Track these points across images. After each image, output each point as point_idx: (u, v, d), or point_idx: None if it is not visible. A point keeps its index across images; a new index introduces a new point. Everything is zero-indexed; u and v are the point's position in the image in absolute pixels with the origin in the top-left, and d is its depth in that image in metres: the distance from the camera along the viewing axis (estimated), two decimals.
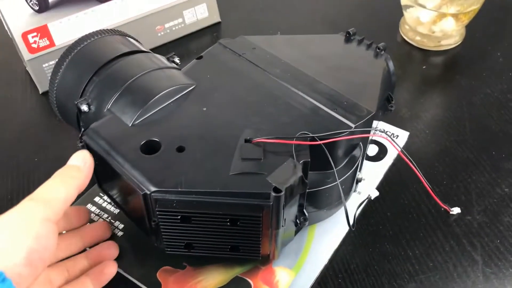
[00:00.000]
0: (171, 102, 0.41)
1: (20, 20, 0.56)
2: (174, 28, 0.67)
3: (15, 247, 0.30)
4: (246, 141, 0.38)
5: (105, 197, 0.48)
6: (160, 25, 0.66)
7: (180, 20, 0.67)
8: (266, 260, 0.43)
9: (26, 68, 0.63)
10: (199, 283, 0.42)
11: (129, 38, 0.49)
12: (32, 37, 0.57)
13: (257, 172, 0.35)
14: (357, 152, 0.42)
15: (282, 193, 0.34)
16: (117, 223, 0.46)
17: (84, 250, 0.43)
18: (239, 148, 0.37)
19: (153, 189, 0.34)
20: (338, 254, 0.44)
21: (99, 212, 0.47)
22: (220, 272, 0.42)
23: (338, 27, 0.52)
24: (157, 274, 0.42)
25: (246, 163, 0.36)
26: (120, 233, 0.45)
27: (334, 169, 0.37)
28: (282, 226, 0.37)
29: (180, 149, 0.37)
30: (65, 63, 0.45)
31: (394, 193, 0.49)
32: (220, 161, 0.36)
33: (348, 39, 0.50)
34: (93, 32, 0.47)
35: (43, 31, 0.58)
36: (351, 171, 0.41)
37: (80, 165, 0.37)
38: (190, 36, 0.69)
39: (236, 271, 0.42)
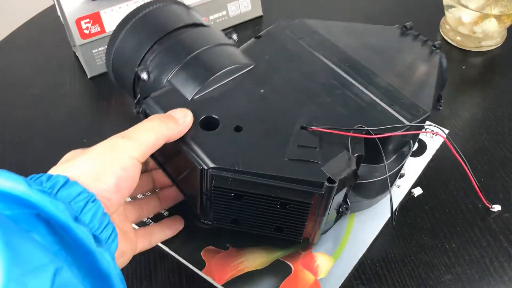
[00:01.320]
0: (230, 80, 0.42)
1: (75, 7, 0.59)
2: (218, 20, 0.69)
3: (106, 174, 0.32)
4: (302, 128, 0.39)
5: None
6: (205, 17, 0.68)
7: (224, 12, 0.69)
8: (306, 246, 0.44)
9: (76, 53, 0.65)
10: (241, 264, 0.43)
11: (192, 11, 0.48)
12: (85, 23, 0.60)
13: (311, 160, 0.37)
14: (406, 149, 0.43)
15: (336, 184, 0.35)
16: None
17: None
18: (295, 134, 0.38)
19: (211, 165, 0.36)
20: (376, 243, 0.45)
21: (147, 193, 0.49)
22: (261, 255, 0.44)
23: (379, 24, 0.53)
24: (201, 253, 0.44)
25: (302, 150, 0.37)
26: (166, 213, 0.47)
27: (385, 164, 0.39)
28: (327, 213, 0.38)
29: (238, 129, 0.38)
30: (126, 28, 0.45)
31: (432, 188, 0.50)
32: (276, 145, 0.38)
33: (404, 32, 0.50)
34: None
35: (95, 18, 0.60)
36: (398, 167, 0.42)
37: (179, 119, 0.37)
38: (233, 29, 0.71)
39: (277, 255, 0.44)
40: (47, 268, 0.25)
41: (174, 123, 0.37)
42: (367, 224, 0.46)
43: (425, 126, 0.44)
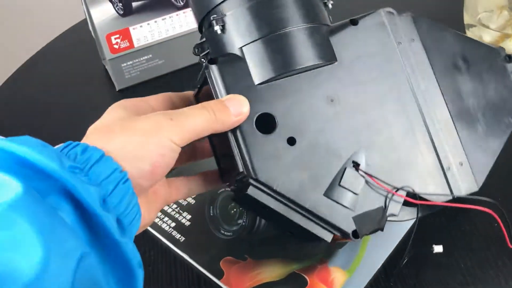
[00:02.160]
0: (305, 76, 0.38)
1: (106, 22, 0.61)
2: None
3: (143, 158, 0.31)
4: (354, 164, 0.38)
5: None
6: None
7: None
8: (322, 259, 0.45)
9: (106, 67, 0.68)
10: (258, 275, 0.45)
11: None
12: (115, 38, 0.62)
13: (346, 206, 0.37)
14: None
15: (359, 239, 0.37)
16: (185, 213, 0.50)
17: None
18: (344, 170, 0.37)
19: (252, 175, 0.35)
20: (391, 259, 0.46)
21: None
22: (278, 267, 0.45)
23: None
24: (220, 263, 0.45)
25: (342, 191, 0.37)
26: (187, 223, 0.49)
27: (417, 218, 0.40)
28: None
29: (291, 141, 0.36)
30: None
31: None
32: (321, 173, 0.37)
33: (508, 60, 0.46)
34: None
35: (124, 34, 0.63)
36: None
37: (233, 112, 0.35)
38: None
39: (293, 267, 0.45)
40: (72, 254, 0.25)
41: (227, 116, 0.34)
42: (383, 240, 0.47)
43: (474, 199, 0.42)
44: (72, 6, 0.82)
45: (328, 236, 0.37)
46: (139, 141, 0.32)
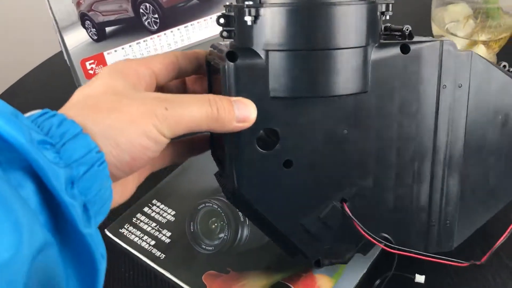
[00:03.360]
0: (327, 100, 0.34)
1: (80, 48, 0.62)
2: None
3: (124, 146, 0.28)
4: (342, 200, 0.37)
5: (154, 207, 0.51)
6: None
7: None
8: (307, 268, 0.44)
9: None
10: (242, 287, 0.43)
11: None
12: (90, 64, 0.62)
13: (320, 237, 0.37)
14: None
15: (319, 268, 0.38)
16: (164, 231, 0.49)
17: None
18: (330, 205, 0.37)
19: (236, 190, 0.35)
20: (377, 264, 0.45)
21: (148, 221, 0.50)
22: (262, 277, 0.44)
23: None
24: (202, 277, 0.44)
25: (319, 224, 0.37)
26: (167, 240, 0.48)
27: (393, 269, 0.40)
28: None
29: (287, 164, 0.35)
30: None
31: None
32: (307, 201, 0.36)
33: None
34: None
35: (99, 59, 0.63)
36: None
37: (237, 118, 0.31)
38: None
39: (278, 277, 0.44)
40: (33, 242, 0.22)
41: (229, 118, 0.31)
42: None
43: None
44: (47, 40, 0.82)
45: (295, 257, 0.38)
46: (123, 128, 0.28)
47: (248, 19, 0.32)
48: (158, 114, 0.29)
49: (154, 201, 0.52)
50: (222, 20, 0.34)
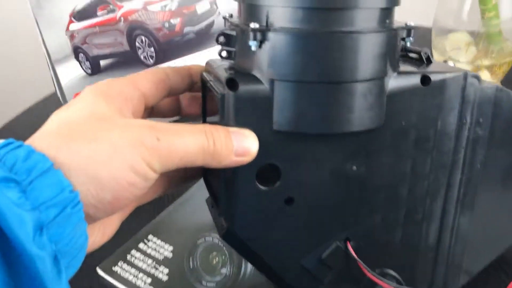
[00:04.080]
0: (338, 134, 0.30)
1: (73, 82, 0.60)
2: None
3: (106, 183, 0.24)
4: (346, 239, 0.34)
5: (150, 243, 0.47)
6: None
7: None
8: None
9: None
10: None
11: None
12: None
13: (320, 278, 0.34)
14: None
15: None
16: (161, 268, 0.45)
17: None
18: (333, 244, 0.33)
19: (231, 229, 0.32)
20: None
21: (144, 258, 0.46)
22: None
23: None
24: None
25: (320, 265, 0.34)
26: (165, 278, 0.44)
27: None
28: None
29: (289, 201, 0.31)
30: None
31: None
32: (308, 241, 0.33)
33: None
34: None
35: None
36: None
37: (235, 151, 0.28)
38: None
39: None
40: None
41: (227, 152, 0.27)
42: None
43: None
44: (39, 81, 0.81)
45: None
46: (105, 160, 0.24)
47: (253, 44, 0.28)
48: (148, 144, 0.25)
49: (150, 237, 0.48)
50: (222, 39, 0.31)
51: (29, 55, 0.47)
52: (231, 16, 0.34)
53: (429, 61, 0.33)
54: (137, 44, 0.61)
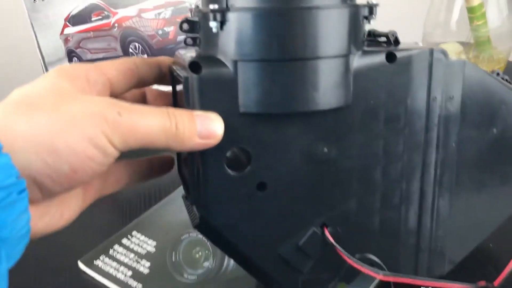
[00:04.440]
0: (303, 114, 0.30)
1: None
2: None
3: (63, 154, 0.23)
4: (322, 225, 0.33)
5: (133, 239, 0.47)
6: None
7: None
8: None
9: None
10: None
11: None
12: None
13: (299, 267, 0.33)
14: None
15: None
16: (143, 262, 0.44)
17: None
18: (310, 231, 0.33)
19: (204, 217, 0.31)
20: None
21: (126, 252, 0.45)
22: None
23: None
24: None
25: (298, 253, 0.33)
26: (146, 271, 0.43)
27: None
28: None
29: (261, 187, 0.31)
30: None
31: None
32: (283, 228, 0.32)
33: None
34: None
35: None
36: None
37: (199, 133, 0.27)
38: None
39: None
40: None
41: (189, 134, 0.27)
42: None
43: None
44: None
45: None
46: (64, 131, 0.23)
47: (213, 25, 0.28)
48: (109, 118, 0.24)
49: (134, 233, 0.47)
50: (185, 26, 0.30)
51: (24, 57, 0.48)
52: (197, 7, 0.34)
53: (397, 42, 0.33)
54: (130, 50, 0.62)
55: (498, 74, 0.38)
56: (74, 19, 0.58)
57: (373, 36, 0.34)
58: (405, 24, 0.34)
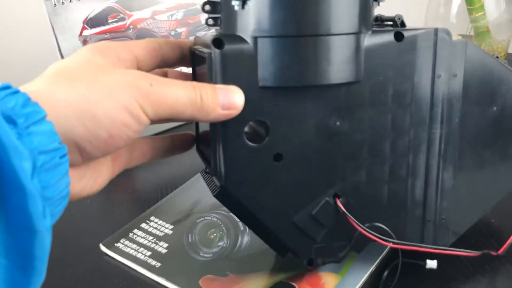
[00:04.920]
0: (316, 89, 0.33)
1: None
2: None
3: (102, 121, 0.26)
4: (335, 195, 0.35)
5: (152, 223, 0.49)
6: None
7: None
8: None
9: None
10: None
11: None
12: None
13: (312, 235, 0.36)
14: None
15: (312, 267, 0.37)
16: (161, 243, 0.46)
17: None
18: (322, 201, 0.35)
19: (223, 185, 0.34)
20: (386, 258, 0.42)
21: (145, 235, 0.48)
22: (263, 278, 0.41)
23: None
24: (199, 281, 0.41)
25: (312, 222, 0.35)
26: (164, 251, 0.45)
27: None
28: None
29: (277, 157, 0.33)
30: None
31: None
32: (298, 197, 0.35)
33: None
34: None
35: None
36: None
37: (221, 104, 0.29)
38: None
39: (279, 277, 0.41)
40: None
41: (213, 105, 0.29)
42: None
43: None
44: None
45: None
46: (102, 100, 0.26)
47: (235, 3, 0.31)
48: (142, 88, 0.27)
49: (152, 218, 0.50)
50: (207, 7, 0.33)
51: (45, 59, 0.51)
52: None
53: (403, 25, 0.36)
54: None
55: (497, 57, 0.40)
56: (91, 22, 0.61)
57: (380, 21, 0.37)
58: (405, 19, 0.37)
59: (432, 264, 0.38)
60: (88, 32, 0.61)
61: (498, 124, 0.39)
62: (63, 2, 0.59)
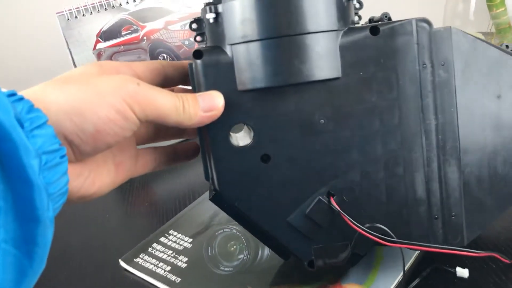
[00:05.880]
0: (296, 88, 0.33)
1: None
2: None
3: (87, 115, 0.27)
4: (328, 194, 0.35)
5: (170, 237, 0.49)
6: None
7: None
8: (334, 278, 0.40)
9: None
10: None
11: None
12: None
13: (309, 235, 0.35)
14: None
15: (313, 270, 0.36)
16: (181, 257, 0.46)
17: None
18: (315, 199, 0.35)
19: (216, 188, 0.34)
20: (414, 270, 0.40)
21: (164, 249, 0.47)
22: None
23: None
24: None
25: (307, 221, 0.35)
26: (184, 265, 0.45)
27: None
28: None
29: (265, 158, 0.34)
30: None
31: None
32: (290, 197, 0.35)
33: None
34: None
35: None
36: None
37: (202, 108, 0.31)
38: None
39: None
40: None
41: (194, 109, 0.31)
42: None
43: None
44: None
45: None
46: (88, 97, 0.28)
47: (210, 16, 0.32)
48: (130, 88, 0.29)
49: (171, 231, 0.49)
50: (194, 25, 0.35)
51: (59, 73, 0.51)
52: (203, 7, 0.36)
53: (389, 20, 0.35)
54: None
55: (507, 46, 0.39)
56: (105, 35, 0.61)
57: (372, 22, 0.37)
58: (424, 15, 0.36)
59: (462, 272, 0.37)
60: (102, 45, 0.61)
61: (503, 111, 0.36)
62: (76, 16, 0.59)
